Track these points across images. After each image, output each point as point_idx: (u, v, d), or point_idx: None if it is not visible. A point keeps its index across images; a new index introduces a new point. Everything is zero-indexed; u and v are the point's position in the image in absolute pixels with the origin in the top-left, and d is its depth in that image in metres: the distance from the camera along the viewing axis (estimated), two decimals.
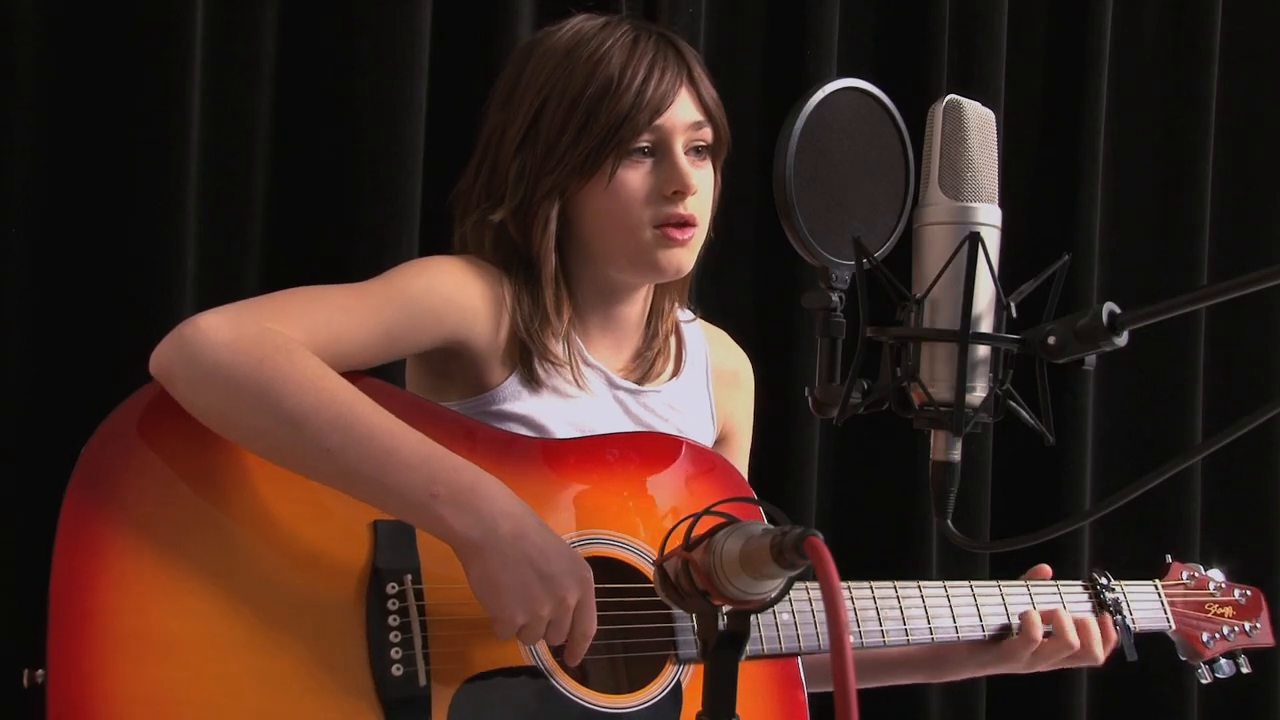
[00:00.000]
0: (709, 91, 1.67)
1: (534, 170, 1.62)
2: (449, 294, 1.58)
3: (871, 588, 1.68)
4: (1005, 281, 1.14)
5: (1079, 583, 1.82)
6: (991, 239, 1.12)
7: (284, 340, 1.42)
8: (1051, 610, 1.75)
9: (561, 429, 1.62)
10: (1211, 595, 1.95)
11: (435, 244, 1.80)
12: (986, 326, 1.12)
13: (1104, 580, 1.82)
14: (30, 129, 2.05)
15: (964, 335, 1.10)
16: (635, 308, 1.72)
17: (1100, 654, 1.78)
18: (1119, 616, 1.81)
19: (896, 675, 1.85)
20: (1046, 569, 1.83)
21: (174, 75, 2.08)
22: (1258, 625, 1.96)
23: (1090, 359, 1.12)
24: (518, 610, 1.39)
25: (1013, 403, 1.14)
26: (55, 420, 2.01)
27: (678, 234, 1.62)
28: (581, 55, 1.62)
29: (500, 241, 1.64)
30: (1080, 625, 1.76)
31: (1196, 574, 1.95)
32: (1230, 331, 3.12)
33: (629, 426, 1.69)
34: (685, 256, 1.65)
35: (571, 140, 1.60)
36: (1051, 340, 1.11)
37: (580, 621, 1.42)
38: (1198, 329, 3.05)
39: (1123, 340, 1.10)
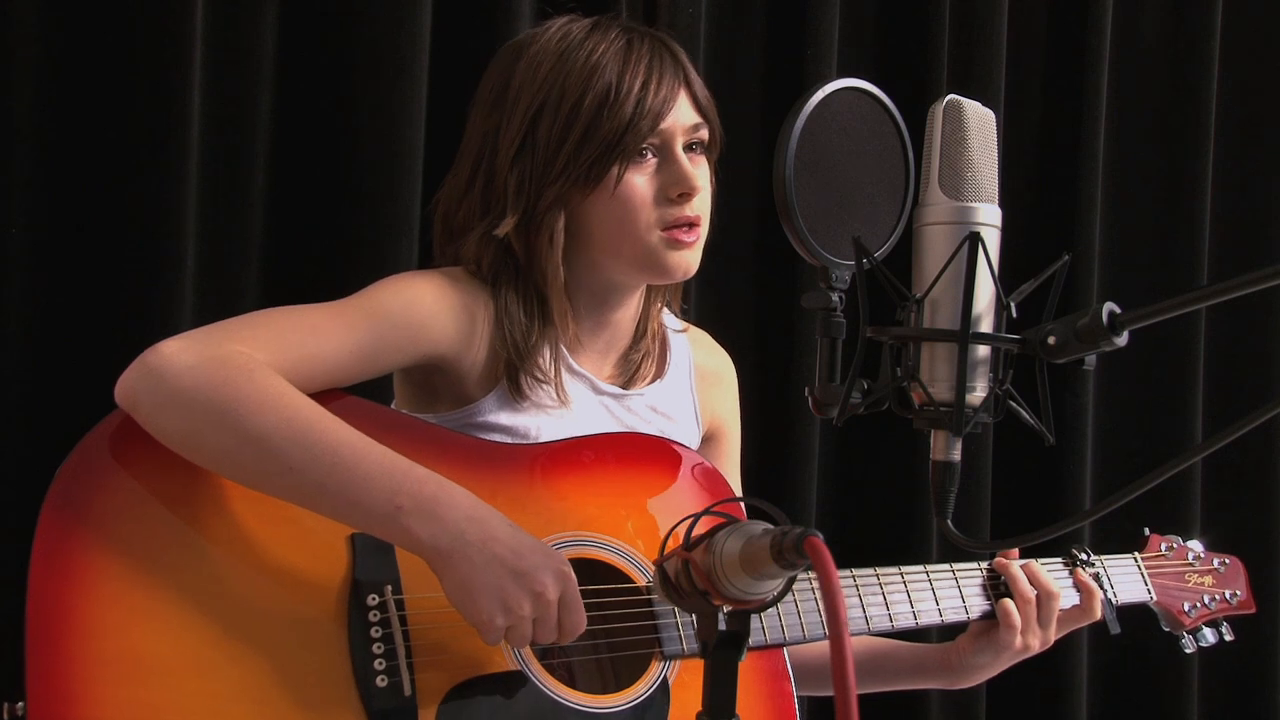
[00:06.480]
0: (703, 91, 1.66)
1: (535, 181, 1.60)
2: (428, 311, 1.56)
3: (853, 574, 1.68)
4: (1005, 281, 1.14)
5: (1059, 559, 1.83)
6: (991, 239, 1.13)
7: (246, 361, 1.41)
8: (1012, 576, 1.76)
9: (547, 436, 1.61)
10: (1190, 565, 1.95)
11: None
12: (986, 326, 1.12)
13: (1084, 555, 1.83)
14: (30, 129, 2.04)
15: (964, 335, 1.10)
16: (629, 310, 1.72)
17: (1098, 609, 1.79)
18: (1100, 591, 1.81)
19: (910, 680, 1.85)
20: (1014, 551, 1.81)
21: (174, 75, 2.07)
22: (1238, 592, 1.96)
23: (1090, 359, 1.12)
24: (496, 612, 1.37)
25: (1013, 403, 1.14)
26: (53, 423, 2.01)
27: (685, 236, 1.62)
28: (575, 60, 1.59)
29: (500, 255, 1.62)
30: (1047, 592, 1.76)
31: (1175, 545, 1.96)
32: (1230, 331, 3.12)
33: (614, 430, 1.68)
34: (692, 258, 1.64)
35: (574, 150, 1.58)
36: (1051, 340, 1.11)
37: (569, 615, 1.41)
38: (1198, 329, 3.04)
39: (1123, 340, 1.09)
